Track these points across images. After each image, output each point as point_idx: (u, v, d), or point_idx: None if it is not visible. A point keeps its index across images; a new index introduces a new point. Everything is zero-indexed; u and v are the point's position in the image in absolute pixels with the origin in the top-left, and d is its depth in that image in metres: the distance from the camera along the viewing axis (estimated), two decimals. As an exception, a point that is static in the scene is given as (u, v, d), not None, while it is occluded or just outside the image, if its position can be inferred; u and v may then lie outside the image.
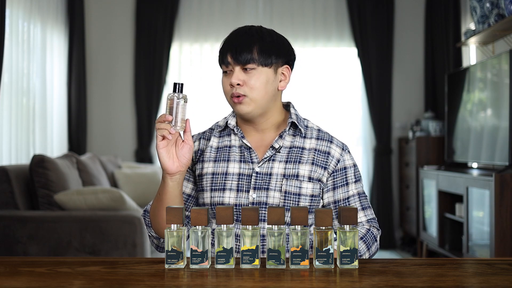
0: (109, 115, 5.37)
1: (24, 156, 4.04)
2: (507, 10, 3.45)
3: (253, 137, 1.57)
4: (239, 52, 1.47)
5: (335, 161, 1.55)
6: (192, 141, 1.44)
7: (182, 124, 1.40)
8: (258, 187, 1.51)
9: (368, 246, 1.51)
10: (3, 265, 1.27)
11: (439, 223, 4.11)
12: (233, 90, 1.49)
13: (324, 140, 1.57)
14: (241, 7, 5.30)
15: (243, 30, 1.53)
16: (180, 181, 1.47)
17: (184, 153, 1.43)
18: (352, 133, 5.33)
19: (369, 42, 5.23)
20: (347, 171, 1.56)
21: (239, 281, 1.13)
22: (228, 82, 1.50)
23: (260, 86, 1.49)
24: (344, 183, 1.55)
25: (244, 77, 1.48)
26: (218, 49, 1.58)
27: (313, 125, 1.61)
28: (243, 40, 1.49)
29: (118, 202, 3.41)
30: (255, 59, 1.48)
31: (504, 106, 3.40)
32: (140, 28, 5.27)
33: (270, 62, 1.50)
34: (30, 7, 4.15)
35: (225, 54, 1.50)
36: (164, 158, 1.41)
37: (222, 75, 1.55)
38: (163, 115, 1.39)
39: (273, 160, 1.53)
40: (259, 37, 1.50)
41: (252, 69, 1.49)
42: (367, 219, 1.56)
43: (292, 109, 1.59)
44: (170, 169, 1.43)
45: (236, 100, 1.49)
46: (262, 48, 1.49)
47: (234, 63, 1.49)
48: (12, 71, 3.87)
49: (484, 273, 1.20)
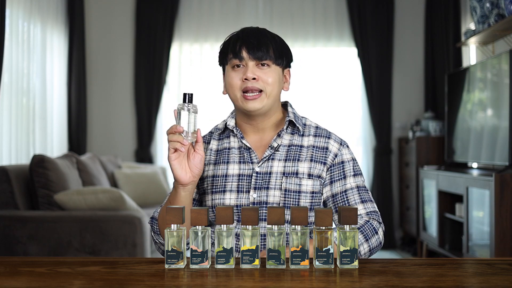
0: (109, 115, 5.37)
1: (24, 156, 4.04)
2: (507, 10, 3.45)
3: (252, 137, 1.58)
4: (257, 48, 1.48)
5: (332, 155, 1.55)
6: (203, 151, 1.43)
7: (193, 135, 1.39)
8: (259, 187, 1.51)
9: (366, 237, 1.47)
10: (3, 265, 1.27)
11: (439, 223, 4.11)
12: (247, 84, 1.48)
13: (322, 136, 1.57)
14: (241, 7, 5.30)
15: (253, 29, 1.54)
16: (192, 191, 1.46)
17: (196, 164, 1.42)
18: (352, 133, 5.33)
19: (369, 42, 5.23)
20: (344, 165, 1.55)
21: (239, 281, 1.13)
22: (239, 77, 1.49)
23: (274, 83, 1.51)
24: (341, 176, 1.54)
25: (259, 73, 1.49)
26: (218, 49, 1.58)
27: (311, 123, 1.61)
28: (259, 37, 1.50)
29: (118, 202, 3.41)
30: (271, 57, 1.50)
31: (504, 106, 3.40)
32: (140, 28, 5.27)
33: (281, 63, 1.53)
34: (30, 7, 4.15)
35: (238, 48, 1.49)
36: (177, 170, 1.41)
37: (227, 71, 1.53)
38: (174, 126, 1.37)
39: (272, 159, 1.53)
40: (271, 37, 1.53)
41: (267, 66, 1.50)
42: (366, 212, 1.53)
43: (289, 108, 1.60)
44: (183, 180, 1.42)
45: (249, 98, 1.48)
46: (276, 47, 1.51)
47: (250, 58, 1.49)
48: (12, 71, 3.87)
49: (484, 273, 1.20)
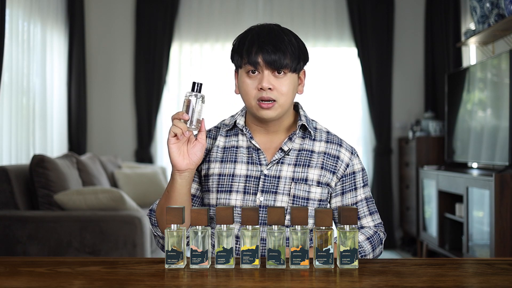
0: (109, 115, 5.37)
1: (24, 156, 4.04)
2: (507, 10, 3.45)
3: (262, 138, 1.53)
4: (274, 55, 1.40)
5: (344, 166, 1.52)
6: (205, 140, 1.41)
7: (197, 124, 1.38)
8: (266, 190, 1.48)
9: (373, 247, 1.50)
10: (3, 265, 1.27)
11: (439, 223, 4.11)
12: (263, 94, 1.41)
13: (334, 143, 1.53)
14: (241, 7, 5.30)
15: (271, 30, 1.44)
16: (189, 179, 1.43)
17: (196, 151, 1.41)
18: (352, 133, 5.32)
19: (369, 42, 5.23)
20: (355, 175, 1.53)
21: (239, 281, 1.13)
22: (255, 85, 1.43)
23: (289, 92, 1.44)
24: (352, 188, 1.53)
25: (275, 82, 1.42)
26: (218, 49, 1.57)
27: (321, 127, 1.57)
28: (276, 42, 1.41)
29: (118, 202, 3.41)
30: (289, 65, 1.42)
31: (504, 106, 3.40)
32: (140, 28, 5.27)
33: (299, 68, 1.46)
34: (30, 7, 4.15)
35: (254, 54, 1.41)
36: (174, 154, 1.39)
37: (241, 75, 1.46)
38: (180, 113, 1.36)
39: (282, 163, 1.49)
40: (288, 40, 1.43)
41: (283, 75, 1.43)
42: (374, 224, 1.55)
43: (301, 111, 1.55)
44: (180, 165, 1.40)
45: (264, 106, 1.42)
46: (294, 53, 1.43)
47: (265, 66, 1.41)
48: (12, 71, 3.87)
49: (484, 273, 1.20)
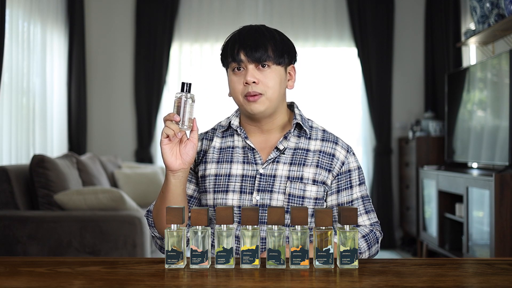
0: (109, 115, 5.37)
1: (24, 156, 4.04)
2: (507, 10, 3.45)
3: (257, 137, 1.55)
4: (255, 50, 1.44)
5: (339, 164, 1.52)
6: (197, 139, 1.43)
7: (189, 124, 1.39)
8: (262, 189, 1.49)
9: (369, 246, 1.50)
10: (3, 265, 1.27)
11: (439, 223, 4.11)
12: (248, 89, 1.45)
13: (329, 141, 1.54)
14: (241, 7, 5.30)
15: (251, 29, 1.49)
16: (183, 179, 1.45)
17: (188, 151, 1.41)
18: (352, 133, 5.33)
19: (369, 42, 5.23)
20: (351, 173, 1.54)
21: (239, 281, 1.12)
22: (241, 81, 1.46)
23: (275, 85, 1.46)
24: (348, 186, 1.53)
25: (259, 76, 1.45)
26: (218, 49, 1.57)
27: (317, 126, 1.58)
28: (257, 38, 1.45)
29: (118, 202, 3.41)
30: (271, 57, 1.45)
31: (504, 106, 3.40)
32: (140, 28, 5.27)
33: (283, 61, 1.48)
34: (30, 7, 4.15)
35: (236, 52, 1.45)
36: (166, 155, 1.40)
37: (229, 74, 1.50)
38: (172, 114, 1.37)
39: (277, 162, 1.50)
40: (270, 35, 1.47)
41: (267, 68, 1.46)
42: (370, 223, 1.55)
43: (296, 110, 1.56)
44: (172, 166, 1.41)
45: (251, 99, 1.45)
46: (276, 46, 1.46)
47: (248, 61, 1.45)
48: (12, 71, 3.87)
49: (484, 273, 1.19)
